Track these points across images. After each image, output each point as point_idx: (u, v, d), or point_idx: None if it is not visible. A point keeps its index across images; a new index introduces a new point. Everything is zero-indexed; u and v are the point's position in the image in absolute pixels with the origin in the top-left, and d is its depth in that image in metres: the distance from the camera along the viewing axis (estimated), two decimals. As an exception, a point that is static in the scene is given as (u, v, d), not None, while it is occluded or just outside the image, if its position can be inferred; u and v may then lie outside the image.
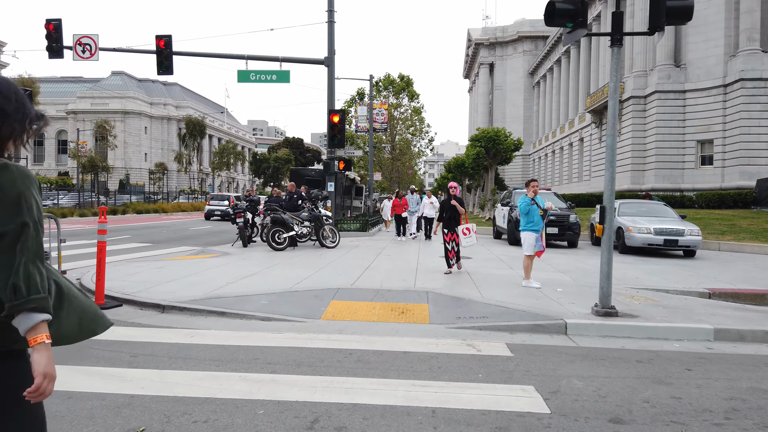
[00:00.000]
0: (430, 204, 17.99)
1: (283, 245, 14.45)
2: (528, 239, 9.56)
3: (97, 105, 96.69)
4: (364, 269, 10.67)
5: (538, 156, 70.62)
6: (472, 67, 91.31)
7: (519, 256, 13.64)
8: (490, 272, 10.72)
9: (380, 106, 35.27)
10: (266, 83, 19.69)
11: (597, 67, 49.15)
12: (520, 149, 27.93)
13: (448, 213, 10.66)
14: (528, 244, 9.53)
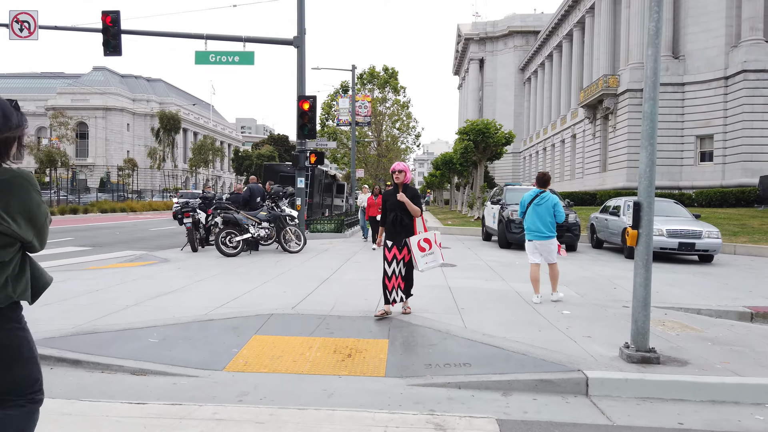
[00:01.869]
0: None
1: (237, 250, 12.31)
2: (527, 247, 7.84)
3: (78, 101, 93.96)
4: (320, 282, 8.56)
5: (528, 153, 68.81)
6: (462, 63, 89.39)
7: (512, 263, 11.60)
8: (478, 286, 8.65)
9: (363, 98, 33.10)
10: (228, 65, 17.57)
11: (590, 61, 47.32)
12: (511, 143, 25.94)
13: (394, 214, 6.29)
14: (527, 250, 7.82)
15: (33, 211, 2.08)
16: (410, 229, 6.26)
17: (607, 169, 41.44)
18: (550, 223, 7.52)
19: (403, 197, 6.16)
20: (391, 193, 6.40)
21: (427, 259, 6.26)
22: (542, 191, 7.65)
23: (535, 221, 7.54)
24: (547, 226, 7.51)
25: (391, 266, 6.30)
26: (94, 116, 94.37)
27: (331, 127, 41.25)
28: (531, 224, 7.61)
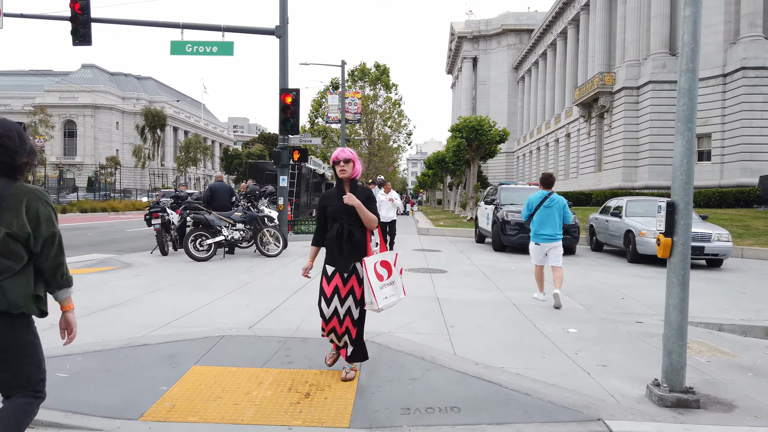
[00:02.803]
0: (389, 201, 12.98)
1: (208, 254, 11.28)
2: (531, 250, 7.70)
3: (66, 99, 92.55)
4: (292, 292, 7.56)
5: (522, 153, 68.01)
6: (455, 61, 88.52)
7: (507, 268, 10.64)
8: (470, 296, 7.66)
9: (353, 95, 32.09)
10: (206, 56, 16.47)
11: (586, 58, 46.54)
12: (505, 141, 25.00)
13: (339, 226, 4.11)
14: (532, 253, 7.71)
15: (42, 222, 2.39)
16: (362, 248, 4.07)
17: (602, 168, 40.65)
18: (559, 225, 7.39)
19: (352, 199, 3.97)
20: (333, 194, 4.15)
21: (386, 292, 4.10)
22: (550, 193, 7.44)
23: (545, 223, 7.35)
24: (556, 228, 7.37)
25: (331, 304, 4.08)
26: (83, 114, 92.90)
27: (321, 126, 40.23)
28: (540, 227, 7.39)
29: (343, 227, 4.01)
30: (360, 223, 4.07)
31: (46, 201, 2.39)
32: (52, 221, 2.40)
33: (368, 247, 4.10)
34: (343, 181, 4.11)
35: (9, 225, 2.28)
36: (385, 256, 4.18)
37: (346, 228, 4.02)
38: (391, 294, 4.14)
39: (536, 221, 7.41)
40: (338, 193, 4.10)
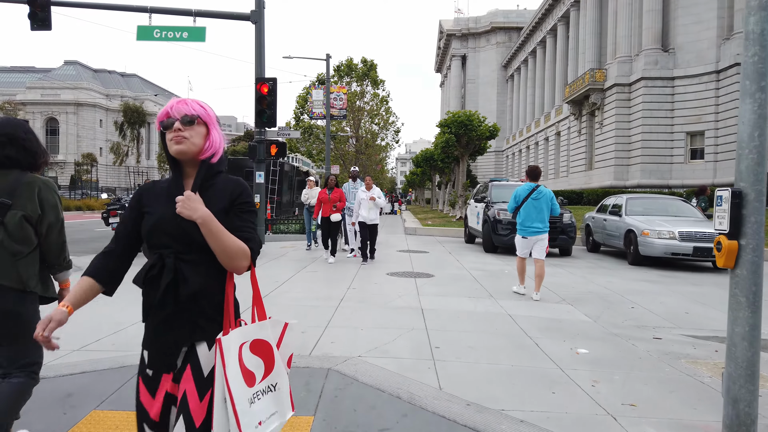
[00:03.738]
0: (370, 200, 10.59)
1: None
2: (517, 242, 7.60)
3: (48, 96, 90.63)
4: (248, 305, 6.50)
5: (512, 152, 67.27)
6: (444, 59, 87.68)
7: (500, 271, 9.65)
8: (460, 307, 6.64)
9: (339, 90, 30.97)
10: (175, 42, 15.32)
11: (576, 55, 45.79)
12: (495, 137, 24.04)
13: (161, 254, 1.77)
14: (518, 245, 7.59)
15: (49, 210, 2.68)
16: (211, 312, 1.81)
17: (593, 167, 39.90)
18: (547, 218, 7.32)
19: (191, 204, 1.68)
20: (160, 192, 1.84)
21: (261, 404, 1.77)
22: (537, 185, 7.40)
23: (532, 216, 7.28)
24: (544, 221, 7.30)
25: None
26: (65, 112, 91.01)
27: (306, 122, 39.09)
28: (527, 219, 7.32)
29: (164, 263, 1.76)
30: (206, 257, 1.76)
31: (53, 190, 2.67)
32: (58, 208, 2.67)
33: (227, 312, 1.83)
34: (181, 165, 1.82)
35: (24, 208, 2.56)
36: (263, 332, 1.91)
37: (171, 266, 1.75)
38: (269, 413, 1.80)
39: (523, 214, 7.33)
40: (169, 191, 1.82)
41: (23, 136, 2.67)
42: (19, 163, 2.64)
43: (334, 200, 11.03)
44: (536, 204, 7.29)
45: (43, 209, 2.62)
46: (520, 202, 7.37)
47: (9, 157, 2.62)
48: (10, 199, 2.55)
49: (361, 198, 10.78)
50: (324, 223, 11.20)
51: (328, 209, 11.04)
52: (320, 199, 11.22)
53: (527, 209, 7.30)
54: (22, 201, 2.56)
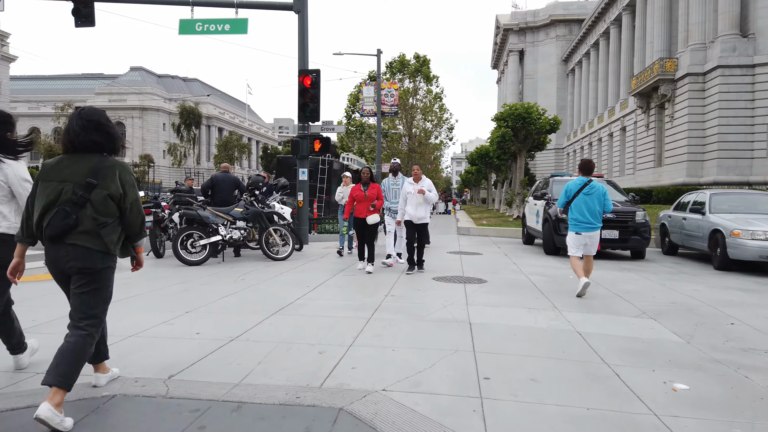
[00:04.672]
0: (419, 194, 8.67)
1: (201, 257, 9.53)
2: (570, 240, 7.27)
3: (115, 101, 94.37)
4: (271, 312, 5.62)
5: (573, 149, 64.49)
6: (501, 55, 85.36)
7: (563, 277, 8.43)
8: (515, 321, 5.54)
9: (390, 86, 30.07)
10: (217, 35, 14.85)
11: (643, 45, 43.03)
12: (556, 130, 22.41)
13: None
14: (571, 243, 7.25)
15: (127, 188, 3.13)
16: None
17: (663, 163, 37.26)
18: (599, 213, 7.09)
19: None
20: None
21: None
22: (590, 180, 7.17)
23: (584, 211, 7.03)
24: (596, 216, 7.06)
25: None
26: (131, 116, 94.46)
27: (358, 121, 38.41)
28: (580, 215, 7.07)
29: None
30: None
31: (130, 172, 3.15)
32: (135, 187, 3.14)
33: None
34: None
35: (108, 188, 3.00)
36: None
37: None
38: None
39: (575, 209, 7.10)
40: None
41: (105, 122, 3.08)
42: (102, 147, 3.05)
43: (371, 198, 8.90)
44: (588, 199, 7.04)
45: (124, 189, 3.05)
46: (571, 197, 7.15)
47: (94, 141, 3.02)
48: (95, 180, 2.96)
49: (408, 192, 8.81)
50: (358, 225, 9.07)
51: (363, 209, 8.90)
52: (353, 196, 8.99)
53: (578, 204, 7.08)
54: (106, 182, 2.98)
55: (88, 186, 2.95)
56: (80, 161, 3.00)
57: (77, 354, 2.90)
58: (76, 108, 3.18)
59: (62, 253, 2.95)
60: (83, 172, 2.97)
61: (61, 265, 2.97)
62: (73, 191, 2.94)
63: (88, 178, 2.96)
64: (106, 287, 3.08)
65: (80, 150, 3.02)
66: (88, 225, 2.95)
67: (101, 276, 3.03)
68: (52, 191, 2.95)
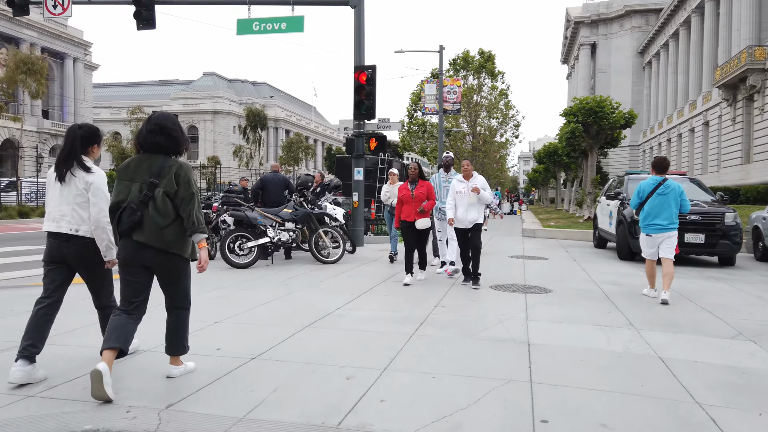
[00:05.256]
0: (472, 193, 7.42)
1: (249, 259, 9.21)
2: (642, 242, 6.94)
3: (189, 106, 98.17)
4: (306, 324, 5.10)
5: (649, 146, 61.04)
6: (571, 49, 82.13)
7: (640, 286, 7.45)
8: (583, 343, 4.75)
9: (452, 82, 29.21)
10: (274, 33, 14.64)
11: (729, 33, 39.88)
12: (631, 125, 20.82)
13: None
14: (643, 245, 6.93)
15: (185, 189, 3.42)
16: None
17: (752, 160, 34.33)
18: (675, 215, 6.69)
19: None
20: None
21: None
22: (664, 179, 6.79)
23: (658, 213, 6.65)
24: (671, 218, 6.65)
25: None
26: (204, 120, 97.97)
27: (420, 119, 37.76)
28: (652, 216, 6.70)
29: None
30: None
31: (188, 170, 3.42)
32: (190, 184, 3.37)
33: None
34: None
35: (165, 185, 3.29)
36: None
37: None
38: None
39: (647, 210, 6.73)
40: None
41: (171, 126, 3.38)
42: (166, 149, 3.34)
43: (420, 198, 7.55)
44: (663, 199, 6.63)
45: (178, 184, 3.29)
46: (645, 197, 6.77)
47: (159, 143, 3.32)
48: (157, 179, 3.24)
49: (457, 191, 7.53)
50: (407, 231, 7.69)
51: (411, 211, 7.55)
52: (400, 197, 7.76)
53: (652, 205, 6.69)
54: (165, 180, 3.25)
55: (152, 185, 3.28)
56: (147, 161, 3.36)
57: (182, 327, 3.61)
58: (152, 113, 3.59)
59: (132, 248, 3.31)
60: (148, 172, 3.31)
61: (132, 259, 3.33)
62: (140, 189, 3.29)
63: (152, 177, 3.29)
64: (180, 278, 3.51)
65: (147, 151, 3.39)
66: (152, 224, 3.27)
67: (170, 270, 3.43)
68: (123, 190, 3.33)
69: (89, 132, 3.66)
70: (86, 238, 3.57)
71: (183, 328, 3.60)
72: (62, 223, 3.55)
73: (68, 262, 3.61)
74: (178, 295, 3.55)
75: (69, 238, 3.54)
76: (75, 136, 3.58)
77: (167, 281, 3.47)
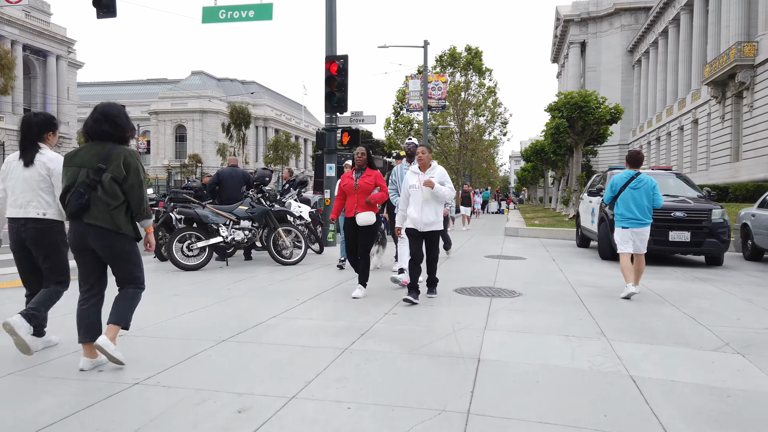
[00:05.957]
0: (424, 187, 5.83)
1: (199, 260, 8.49)
2: (617, 236, 6.82)
3: (177, 105, 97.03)
4: (214, 342, 4.40)
5: (639, 144, 60.66)
6: (561, 48, 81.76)
7: (619, 289, 6.80)
8: (542, 358, 4.07)
9: (437, 78, 28.56)
10: (241, 22, 13.90)
11: (717, 30, 39.47)
12: (617, 120, 20.24)
13: None
14: (618, 239, 6.80)
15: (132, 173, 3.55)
16: None
17: (740, 158, 33.92)
18: (648, 209, 6.68)
19: None
20: None
21: None
22: (638, 173, 6.79)
23: (631, 206, 6.66)
24: (645, 212, 6.66)
25: None
26: (192, 119, 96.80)
27: (406, 117, 37.08)
28: (626, 210, 6.70)
29: None
30: None
31: (136, 157, 3.55)
32: (139, 171, 3.53)
33: None
34: None
35: (113, 171, 3.43)
36: None
37: None
38: None
39: (621, 204, 6.74)
40: None
41: (115, 113, 3.56)
42: (111, 136, 3.53)
43: (365, 190, 6.28)
44: (635, 194, 6.63)
45: (127, 172, 3.47)
46: (618, 191, 6.76)
47: (104, 131, 3.52)
48: (105, 165, 3.43)
49: (410, 184, 5.98)
50: (348, 230, 6.46)
51: (353, 205, 6.30)
52: (341, 188, 6.51)
53: (625, 199, 6.68)
54: (112, 166, 3.43)
55: (99, 170, 3.41)
56: (95, 149, 3.49)
57: (130, 300, 3.63)
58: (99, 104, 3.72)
59: (83, 230, 3.44)
60: (96, 158, 3.44)
61: (82, 241, 3.47)
62: (87, 174, 3.41)
63: (99, 163, 3.42)
64: (130, 257, 3.59)
65: (95, 139, 3.53)
66: (101, 206, 3.40)
67: (119, 251, 3.53)
68: (72, 175, 3.44)
69: (45, 119, 3.89)
70: (54, 221, 3.78)
71: (130, 301, 3.62)
72: (29, 209, 3.73)
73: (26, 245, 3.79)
74: (130, 275, 3.62)
75: (26, 222, 3.73)
76: (31, 123, 3.81)
77: (117, 263, 3.56)
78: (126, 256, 3.55)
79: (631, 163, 6.90)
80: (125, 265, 3.57)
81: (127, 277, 3.61)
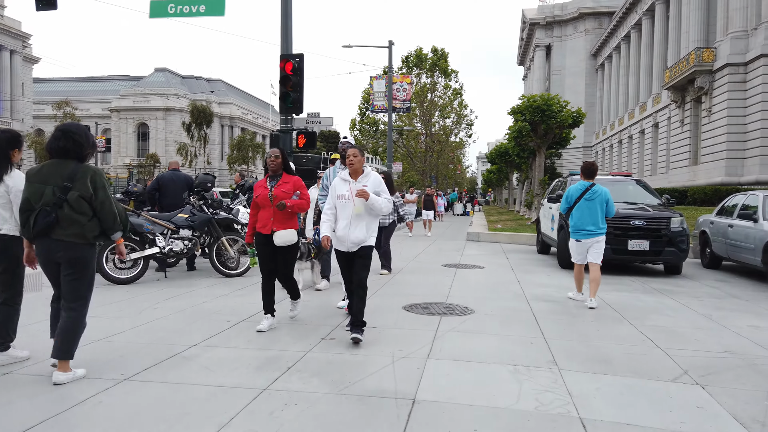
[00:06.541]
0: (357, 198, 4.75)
1: (133, 273, 7.85)
2: (572, 247, 6.96)
3: (139, 102, 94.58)
4: (112, 383, 3.85)
5: (602, 147, 61.66)
6: (527, 51, 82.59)
7: (577, 304, 6.47)
8: (486, 398, 3.65)
9: (402, 79, 28.19)
10: (191, 17, 13.36)
11: (678, 36, 40.17)
12: (579, 124, 20.19)
13: None
14: (573, 251, 6.95)
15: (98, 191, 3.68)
16: None
17: (699, 161, 34.55)
18: (601, 220, 6.69)
19: None
20: None
21: None
22: (592, 184, 6.81)
23: (586, 218, 6.68)
24: (598, 223, 6.67)
25: None
26: (155, 117, 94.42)
27: (372, 118, 36.65)
28: (580, 221, 6.73)
29: None
30: None
31: (102, 176, 3.70)
32: (106, 189, 3.67)
33: None
34: None
35: (80, 190, 3.55)
36: None
37: None
38: None
39: (576, 215, 6.79)
40: None
41: (74, 130, 3.71)
42: (69, 153, 3.63)
43: (282, 198, 5.09)
44: (590, 204, 6.71)
45: (95, 190, 3.60)
46: (573, 202, 6.82)
47: (64, 148, 3.62)
48: (70, 183, 3.54)
49: (338, 194, 4.94)
50: (262, 248, 5.23)
51: (267, 219, 5.12)
52: (255, 199, 5.25)
53: (580, 210, 6.75)
54: (79, 184, 3.55)
55: (65, 189, 3.54)
56: (59, 166, 3.60)
57: (74, 330, 3.65)
58: None
59: (52, 246, 3.58)
60: (60, 177, 3.56)
61: (50, 256, 3.62)
62: (53, 193, 3.54)
63: (65, 182, 3.55)
64: (91, 274, 3.74)
65: (56, 156, 3.65)
66: (70, 221, 3.54)
67: (85, 264, 3.67)
68: (35, 191, 3.56)
69: (12, 137, 3.97)
70: (7, 236, 3.84)
71: (73, 334, 3.63)
72: None
73: None
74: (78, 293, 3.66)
75: None
76: (2, 141, 3.88)
77: (74, 277, 3.63)
78: (87, 272, 3.69)
79: (585, 175, 7.00)
80: (82, 278, 3.65)
81: (75, 295, 3.65)
